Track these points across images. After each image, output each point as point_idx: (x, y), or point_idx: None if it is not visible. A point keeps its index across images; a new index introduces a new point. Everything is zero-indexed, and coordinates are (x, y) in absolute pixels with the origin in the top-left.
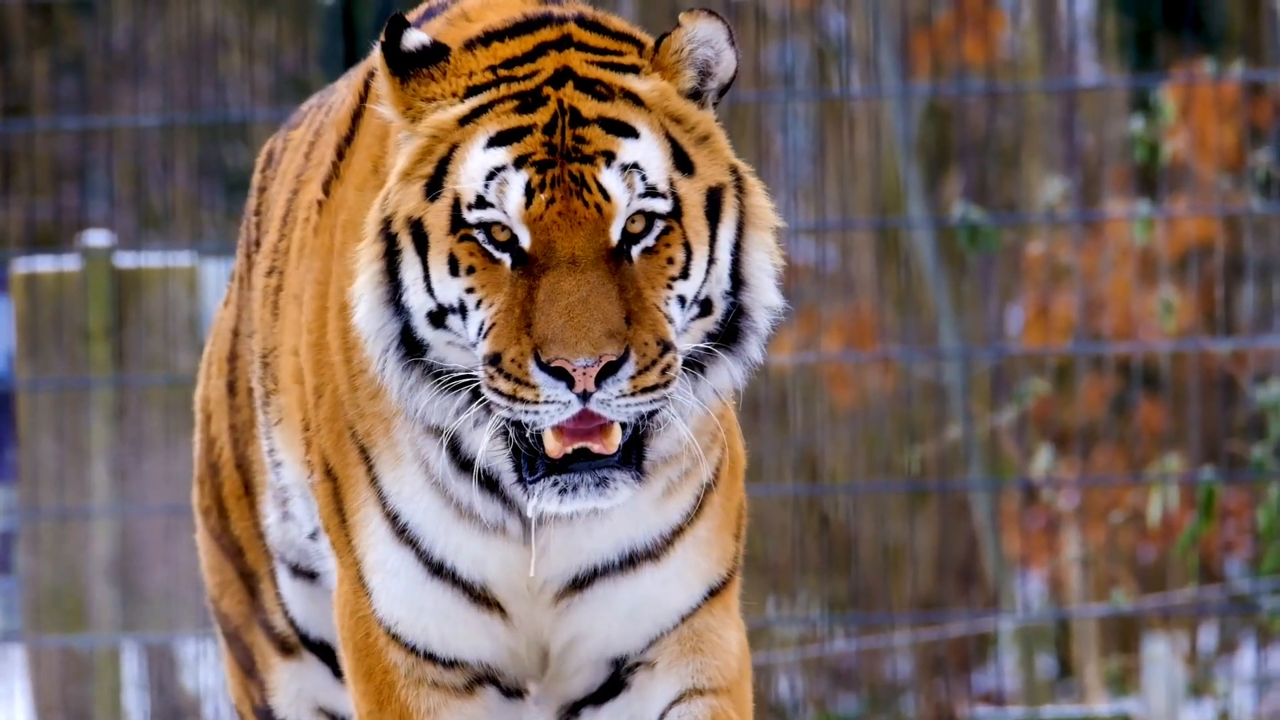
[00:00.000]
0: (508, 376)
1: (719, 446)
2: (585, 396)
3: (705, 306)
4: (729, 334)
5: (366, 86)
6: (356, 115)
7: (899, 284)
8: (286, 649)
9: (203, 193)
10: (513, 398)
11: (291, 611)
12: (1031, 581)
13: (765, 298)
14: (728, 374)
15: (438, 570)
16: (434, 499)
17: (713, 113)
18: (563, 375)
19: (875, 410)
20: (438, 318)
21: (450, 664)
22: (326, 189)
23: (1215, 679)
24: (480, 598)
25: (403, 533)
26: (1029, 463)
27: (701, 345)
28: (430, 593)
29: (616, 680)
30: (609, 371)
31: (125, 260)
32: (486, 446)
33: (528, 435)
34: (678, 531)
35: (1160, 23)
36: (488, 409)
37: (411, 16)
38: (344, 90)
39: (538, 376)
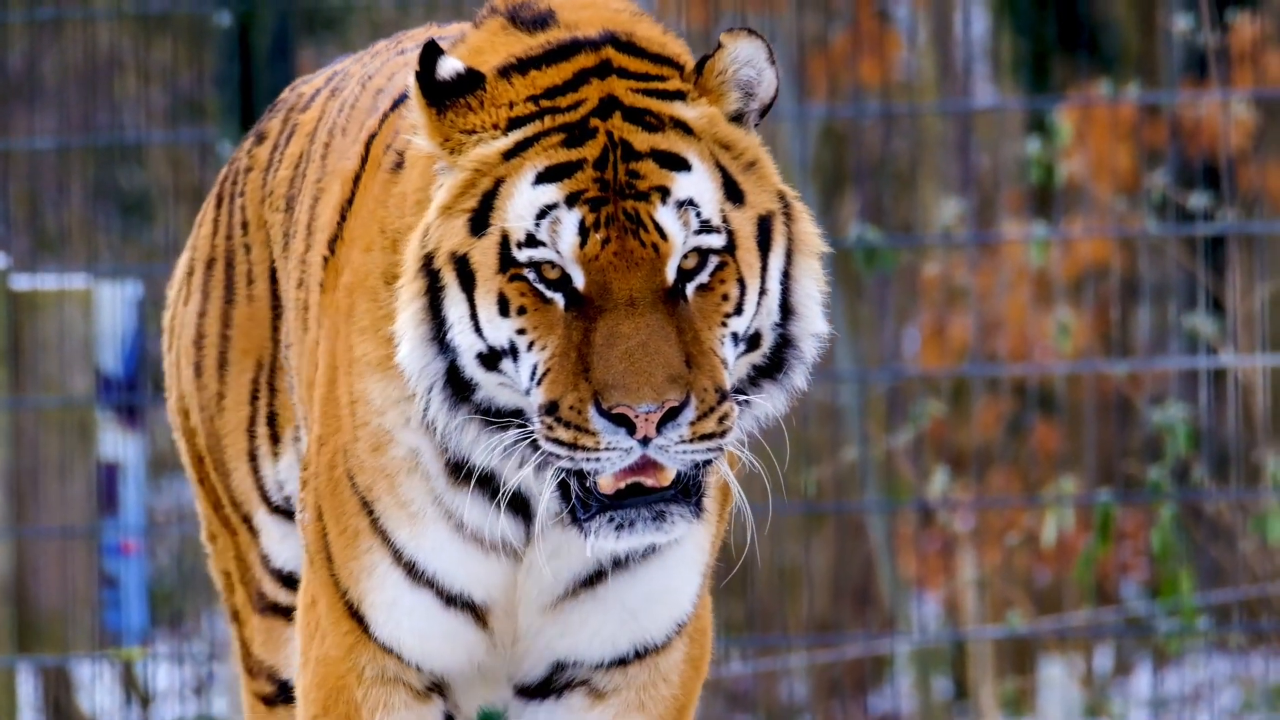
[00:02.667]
0: (567, 425)
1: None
2: (645, 442)
3: (753, 341)
4: (775, 365)
5: (368, 149)
6: (357, 179)
7: None
8: (293, 618)
9: (98, 215)
10: (574, 446)
11: (294, 568)
12: (927, 603)
13: (814, 326)
14: (772, 405)
15: (452, 601)
16: (459, 545)
17: (756, 136)
18: (624, 422)
19: (771, 432)
20: (490, 360)
21: (426, 674)
22: (332, 246)
23: (1110, 701)
24: (480, 619)
25: (419, 576)
26: (925, 484)
27: (746, 378)
28: (443, 622)
29: (554, 683)
30: (670, 417)
31: (20, 283)
32: (549, 499)
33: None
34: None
35: (1055, 44)
36: (534, 446)
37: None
38: (355, 87)
39: (598, 423)
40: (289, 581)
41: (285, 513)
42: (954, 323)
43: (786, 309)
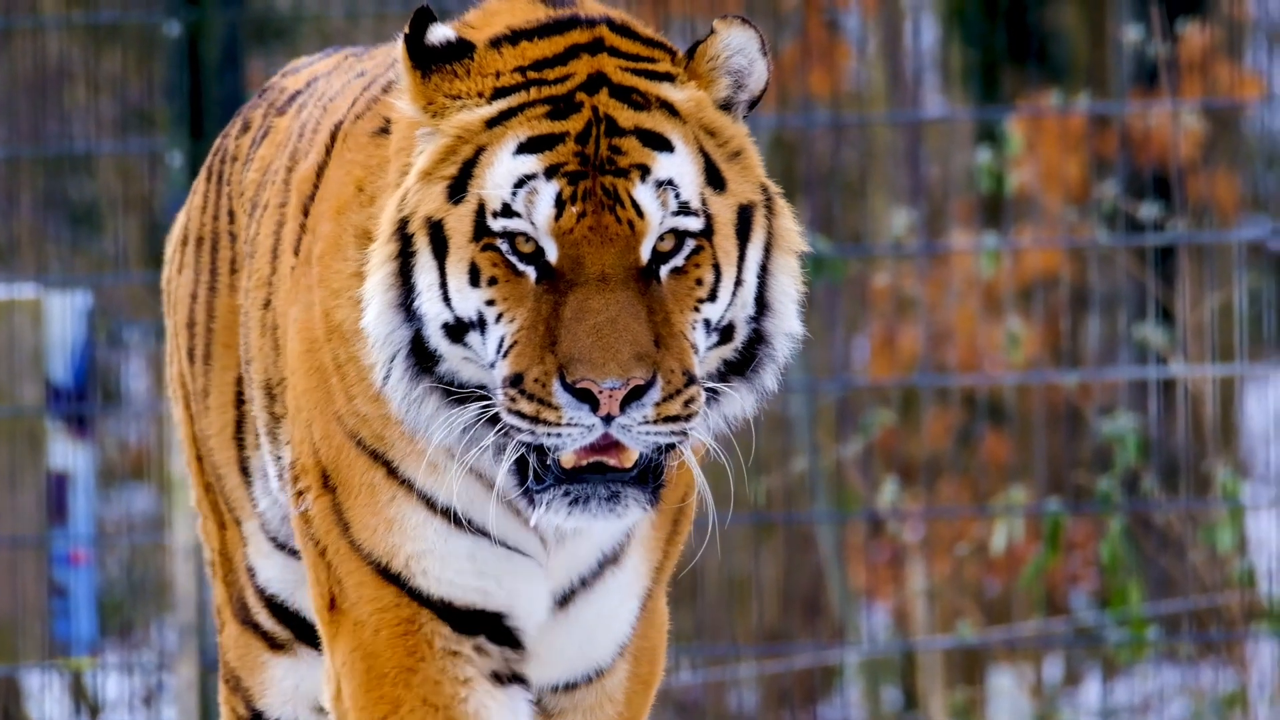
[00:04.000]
0: (530, 397)
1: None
2: (608, 420)
3: (726, 332)
4: (746, 361)
5: (332, 138)
6: (320, 170)
7: None
8: (276, 644)
9: (48, 225)
10: (535, 419)
11: (272, 589)
12: (877, 613)
13: (787, 324)
14: (741, 404)
15: (504, 544)
16: (483, 487)
17: (744, 126)
18: (587, 397)
19: (720, 441)
20: (455, 331)
21: (483, 623)
22: (296, 249)
23: (1060, 711)
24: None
25: (458, 521)
26: (874, 495)
27: (716, 373)
28: (496, 556)
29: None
30: (635, 396)
31: None
32: (505, 472)
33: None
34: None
35: (1005, 54)
36: (492, 422)
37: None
38: (338, 81)
39: (561, 398)
40: (272, 605)
41: (273, 537)
42: (904, 333)
43: (762, 304)
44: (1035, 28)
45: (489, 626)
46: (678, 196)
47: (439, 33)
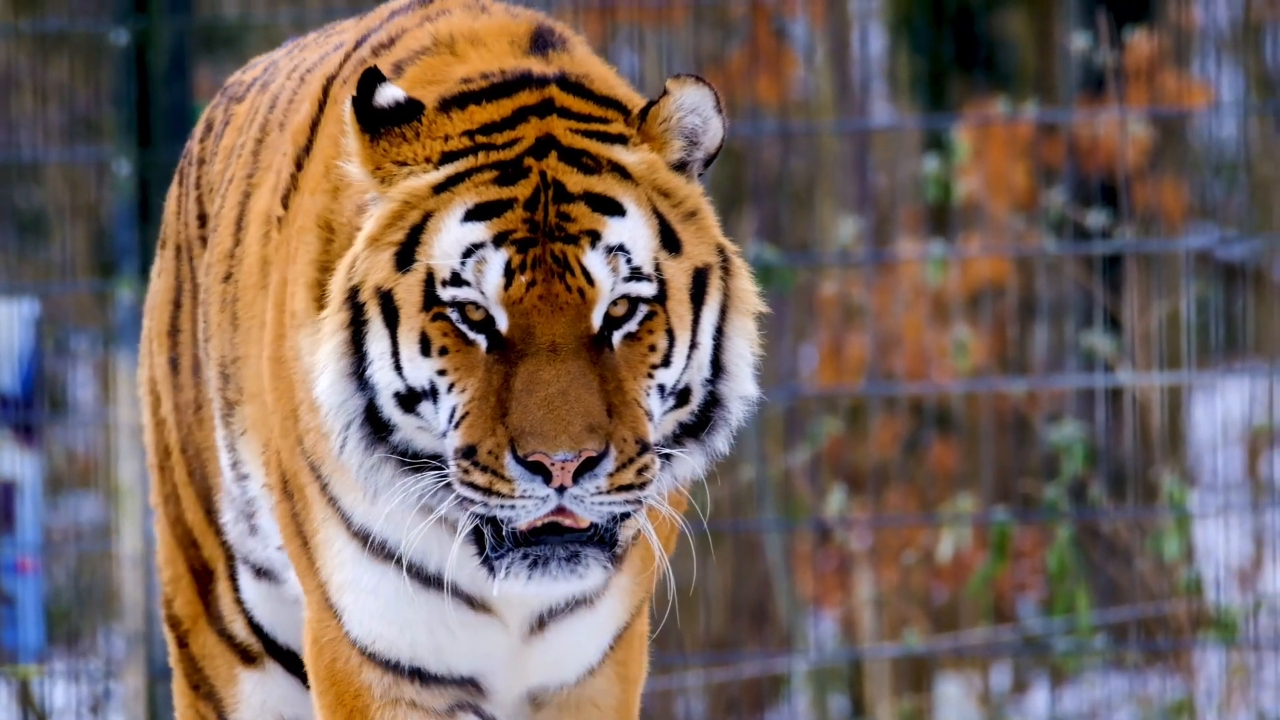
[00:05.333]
0: (483, 469)
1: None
2: (561, 491)
3: (682, 396)
4: (701, 423)
5: (325, 93)
6: (315, 124)
7: None
8: (249, 657)
9: None
10: (489, 491)
11: (257, 615)
12: (824, 622)
13: (742, 388)
14: (691, 466)
15: (432, 582)
16: (421, 515)
17: (699, 185)
18: (540, 470)
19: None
20: (408, 401)
21: (436, 680)
22: (285, 202)
23: (1008, 719)
24: (481, 606)
25: (380, 549)
26: (822, 503)
27: (671, 435)
28: (423, 605)
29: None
30: (587, 467)
31: None
32: (460, 542)
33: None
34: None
35: (953, 63)
36: (448, 490)
37: (374, 17)
38: (284, 80)
39: (514, 470)
40: (258, 630)
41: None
42: (851, 341)
43: (717, 366)
44: (983, 36)
45: (428, 678)
46: (629, 262)
47: (388, 94)
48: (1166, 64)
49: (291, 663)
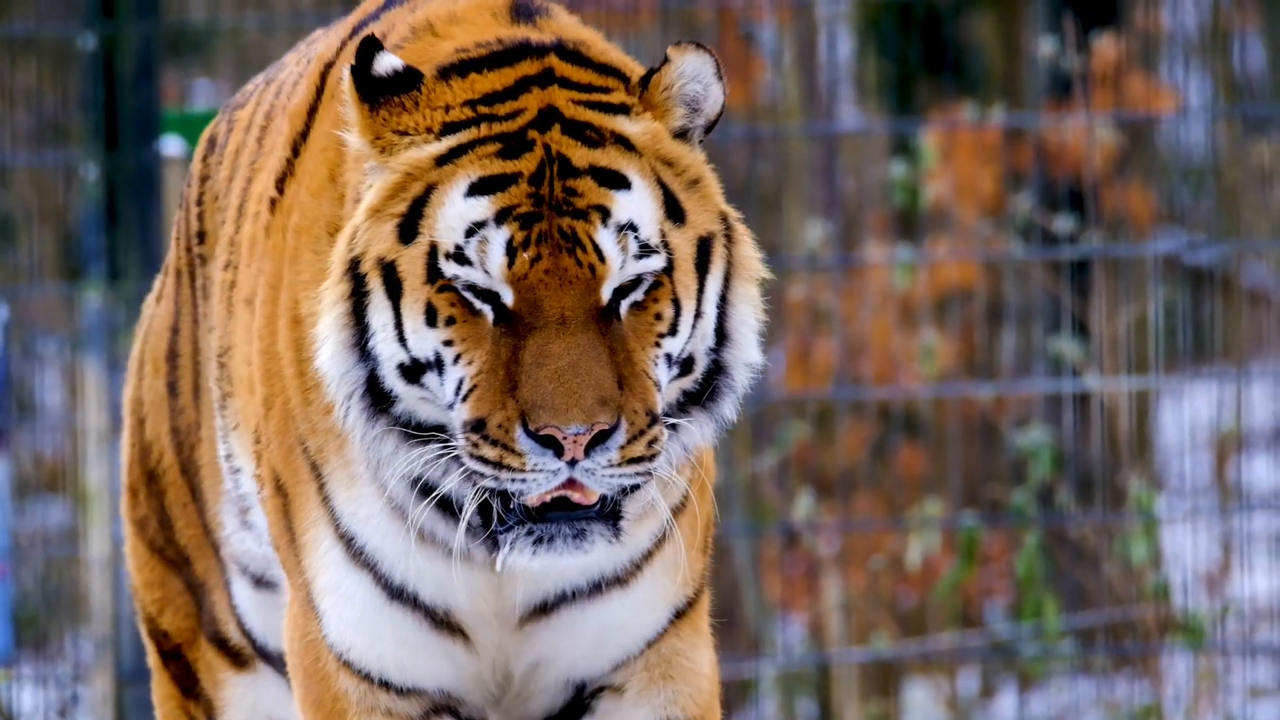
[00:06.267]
0: (493, 443)
1: (690, 467)
2: (572, 464)
3: (686, 365)
4: (705, 391)
5: (323, 78)
6: (312, 110)
7: None
8: (240, 661)
9: None
10: (499, 465)
11: (248, 622)
12: (792, 626)
13: (747, 355)
14: (699, 433)
15: (397, 594)
16: (393, 522)
17: (701, 153)
18: (552, 444)
19: None
20: (411, 372)
21: (406, 692)
22: (280, 185)
23: None
24: (443, 623)
25: (359, 555)
26: (790, 508)
27: (675, 404)
28: (389, 618)
29: (579, 704)
30: (599, 440)
31: None
32: (469, 516)
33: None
34: (647, 555)
35: (920, 67)
36: (456, 460)
37: (370, 5)
38: (293, 69)
39: (524, 444)
40: (248, 635)
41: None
42: (819, 346)
43: (721, 334)
44: (950, 40)
45: (397, 689)
46: (638, 238)
47: (386, 62)
48: (1133, 69)
49: (281, 665)
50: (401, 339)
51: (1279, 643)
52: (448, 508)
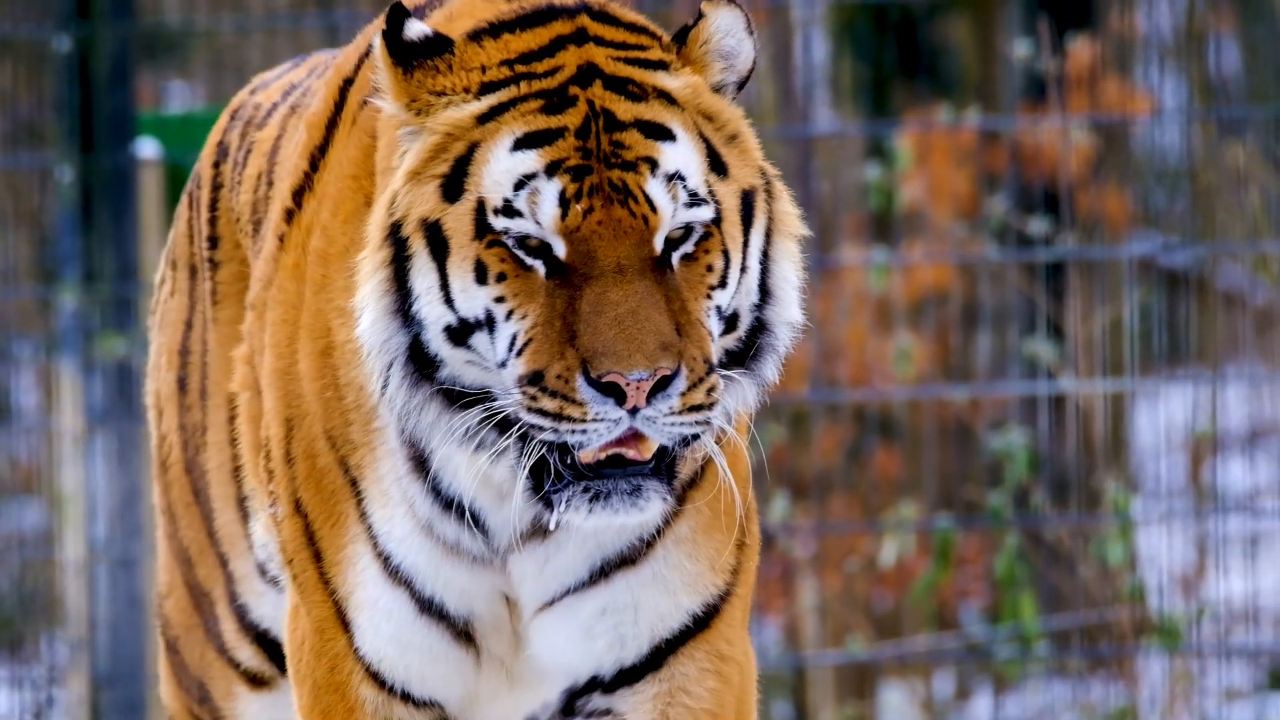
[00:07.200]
0: (552, 394)
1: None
2: (633, 413)
3: (731, 321)
4: (747, 350)
5: (342, 93)
6: (331, 124)
7: None
8: (258, 681)
9: None
10: (559, 416)
11: (275, 633)
12: (767, 628)
13: (788, 313)
14: (743, 394)
15: (426, 607)
16: (424, 539)
17: (738, 108)
18: (614, 391)
19: None
20: (459, 334)
21: (422, 704)
22: (298, 198)
23: None
24: (462, 633)
25: (395, 573)
26: (765, 510)
27: (719, 363)
28: (419, 630)
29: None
30: (661, 387)
31: None
32: (523, 477)
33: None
34: (657, 533)
35: (896, 70)
36: (501, 429)
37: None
38: (315, 84)
39: (585, 393)
40: (264, 640)
41: (267, 572)
42: (794, 348)
43: (764, 291)
44: (925, 43)
45: (413, 700)
46: (686, 188)
47: (416, 28)
48: (1109, 71)
49: None
50: (448, 300)
51: (1254, 645)
52: (471, 517)
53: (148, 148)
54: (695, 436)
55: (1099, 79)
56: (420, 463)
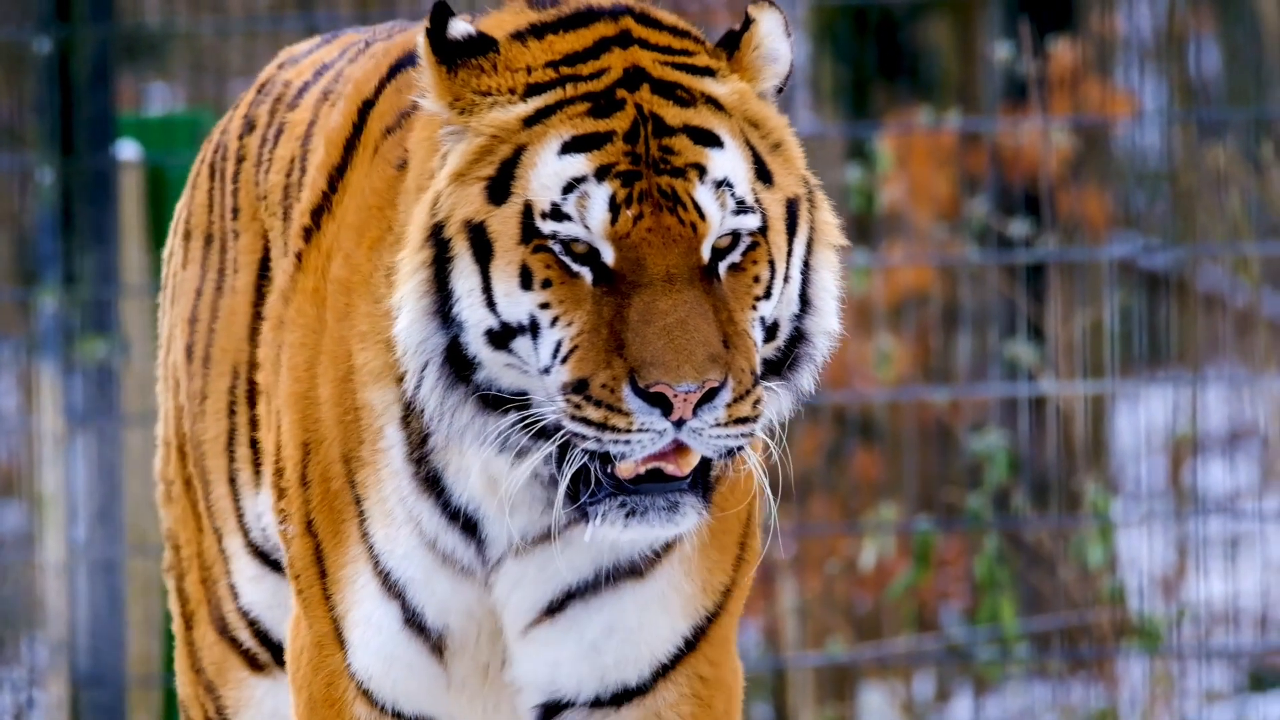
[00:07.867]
0: (597, 404)
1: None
2: (679, 424)
3: (771, 331)
4: (786, 360)
5: (361, 115)
6: (350, 145)
7: None
8: (256, 664)
9: None
10: (603, 426)
11: (264, 623)
12: (747, 631)
13: (827, 323)
14: (779, 405)
15: (410, 619)
16: (426, 553)
17: (783, 115)
18: (660, 401)
19: None
20: (500, 338)
21: None
22: (316, 218)
23: None
24: (435, 647)
25: (392, 588)
26: None
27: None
28: (401, 642)
29: None
30: (708, 398)
31: None
32: (564, 485)
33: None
34: (666, 546)
35: (876, 71)
36: (537, 435)
37: (407, 41)
38: (345, 69)
39: (632, 403)
40: (255, 628)
41: (261, 553)
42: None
43: (804, 300)
44: (906, 45)
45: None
46: (734, 195)
47: (460, 27)
48: (1089, 73)
49: None
50: (490, 303)
51: (1234, 646)
52: (470, 528)
53: (128, 150)
54: (739, 449)
55: (1079, 81)
56: (429, 479)
